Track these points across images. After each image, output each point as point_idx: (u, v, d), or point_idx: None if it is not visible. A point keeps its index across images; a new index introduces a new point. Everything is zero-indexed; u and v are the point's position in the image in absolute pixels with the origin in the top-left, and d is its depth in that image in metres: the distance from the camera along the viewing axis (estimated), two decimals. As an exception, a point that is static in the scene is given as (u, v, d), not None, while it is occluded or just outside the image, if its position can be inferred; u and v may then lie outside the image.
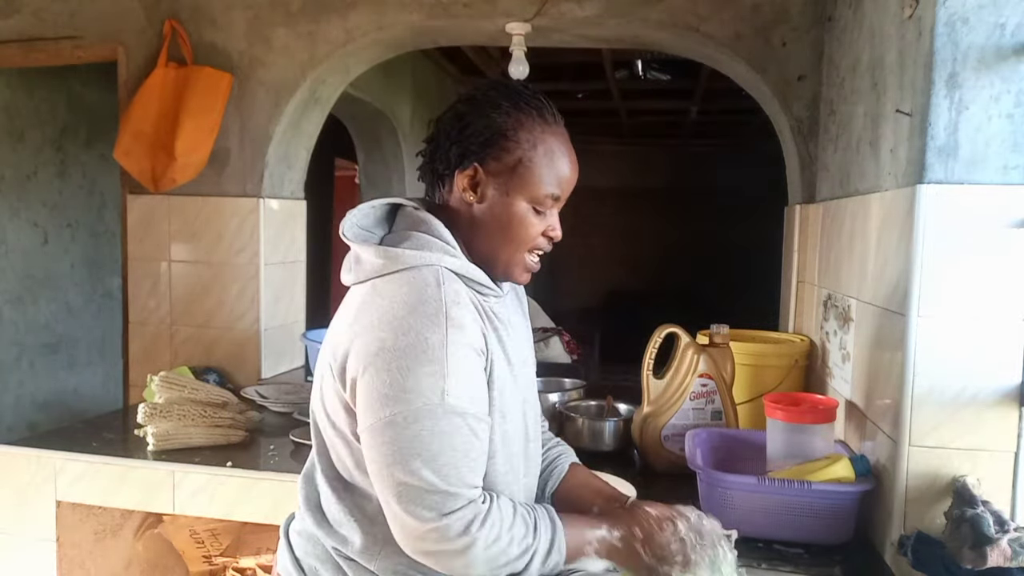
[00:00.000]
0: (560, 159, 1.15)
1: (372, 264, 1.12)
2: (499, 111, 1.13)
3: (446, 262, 1.11)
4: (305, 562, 1.20)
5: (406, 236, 1.15)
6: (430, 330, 1.02)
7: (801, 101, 2.35)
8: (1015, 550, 1.16)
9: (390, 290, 1.08)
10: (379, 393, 1.02)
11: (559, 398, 2.24)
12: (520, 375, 1.21)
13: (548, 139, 1.14)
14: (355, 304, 1.12)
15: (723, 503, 1.49)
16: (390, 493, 1.02)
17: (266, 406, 2.37)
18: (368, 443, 1.04)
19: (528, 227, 1.16)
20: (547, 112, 1.15)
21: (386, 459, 1.02)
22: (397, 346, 1.02)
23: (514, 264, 1.18)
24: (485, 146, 1.13)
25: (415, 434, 1.01)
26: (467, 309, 1.08)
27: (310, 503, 1.19)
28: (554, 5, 2.44)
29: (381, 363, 1.02)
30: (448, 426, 1.02)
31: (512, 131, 1.13)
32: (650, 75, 5.04)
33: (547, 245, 1.20)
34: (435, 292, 1.06)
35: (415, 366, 1.01)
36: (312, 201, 3.04)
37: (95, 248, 3.92)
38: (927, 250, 1.32)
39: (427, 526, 1.01)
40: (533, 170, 1.13)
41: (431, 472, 1.00)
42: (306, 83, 2.65)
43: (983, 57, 1.29)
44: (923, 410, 1.34)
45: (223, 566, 2.26)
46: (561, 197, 1.17)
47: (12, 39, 2.78)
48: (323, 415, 1.16)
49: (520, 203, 1.14)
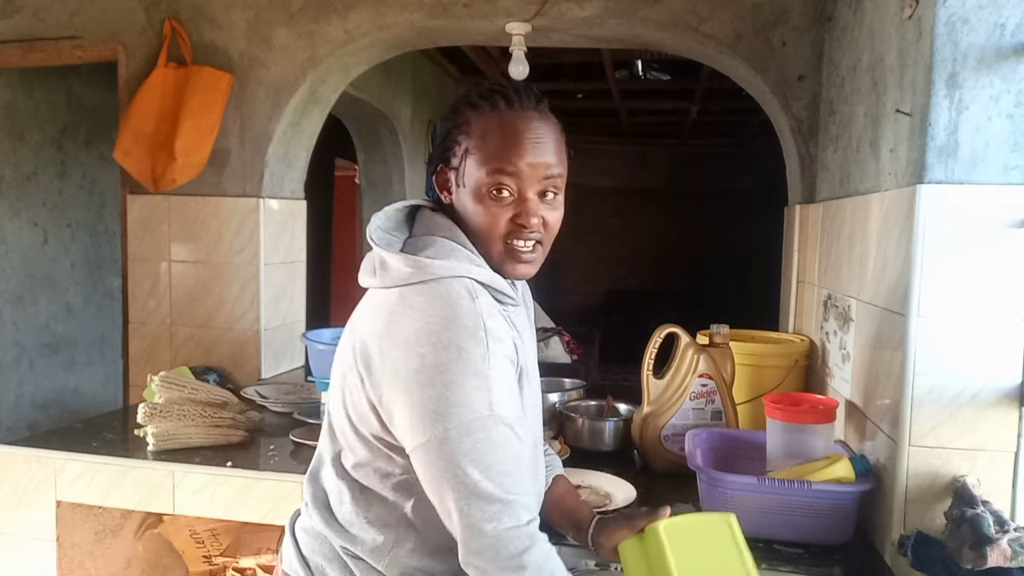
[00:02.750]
0: (506, 137, 1.11)
1: (400, 272, 1.11)
2: (455, 111, 1.17)
3: (474, 273, 1.11)
4: (312, 560, 1.20)
5: (429, 242, 1.14)
6: (471, 344, 1.03)
7: (801, 101, 2.35)
8: (1015, 550, 1.16)
9: (422, 303, 1.07)
10: (427, 410, 1.02)
11: (559, 398, 2.25)
12: (532, 381, 1.22)
13: (491, 123, 1.12)
14: (383, 311, 1.10)
15: (723, 503, 1.49)
16: (451, 507, 1.03)
17: (266, 406, 2.37)
18: (423, 461, 1.04)
19: (489, 218, 1.12)
20: (499, 99, 1.13)
21: (445, 474, 1.02)
22: (439, 362, 1.02)
23: (496, 255, 1.15)
24: (444, 148, 1.17)
25: (471, 447, 1.01)
26: (501, 320, 1.09)
27: (318, 501, 1.19)
28: (554, 5, 2.44)
29: (424, 379, 1.02)
30: (499, 436, 1.03)
31: (460, 127, 1.15)
32: (650, 75, 5.05)
33: (524, 233, 1.13)
34: (471, 306, 1.06)
35: (461, 380, 1.01)
36: (312, 201, 3.04)
37: (95, 248, 3.92)
38: (927, 250, 1.32)
39: (484, 541, 1.02)
40: (476, 156, 1.12)
41: (489, 482, 1.02)
42: (306, 83, 2.65)
43: (983, 57, 1.29)
44: (923, 410, 1.34)
45: (223, 566, 2.26)
46: (521, 176, 1.11)
47: (12, 39, 2.79)
48: (343, 417, 1.15)
49: (474, 192, 1.13)
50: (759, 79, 2.40)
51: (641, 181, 8.95)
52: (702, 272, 8.32)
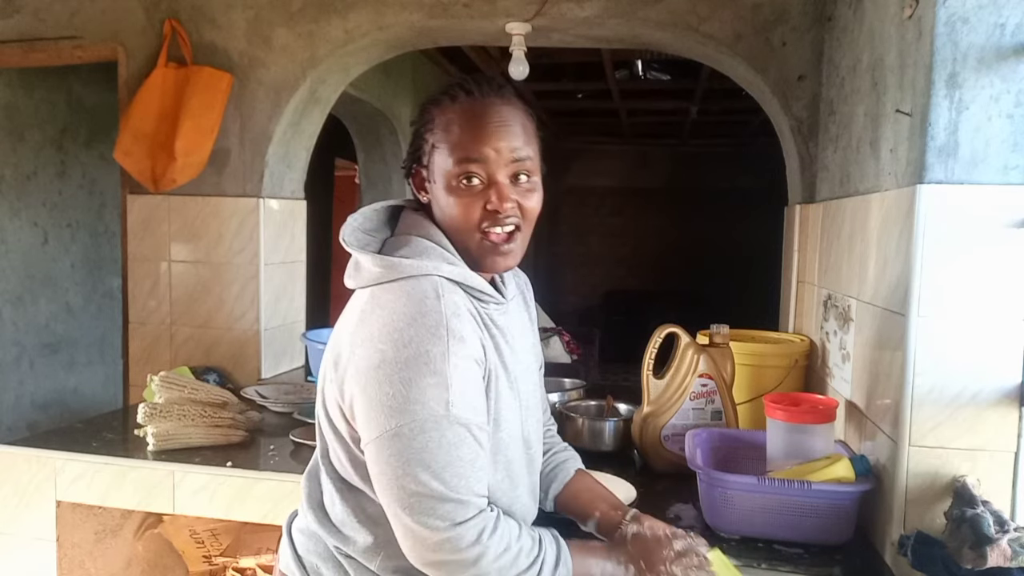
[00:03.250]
0: (464, 127, 1.11)
1: (371, 272, 1.12)
2: (420, 113, 1.18)
3: (444, 270, 1.10)
4: (307, 560, 1.20)
5: (406, 241, 1.15)
6: (431, 342, 1.02)
7: (801, 101, 2.35)
8: (1015, 550, 1.15)
9: (389, 300, 1.07)
10: (382, 405, 1.01)
11: (559, 398, 2.25)
12: (521, 383, 1.20)
13: (453, 114, 1.13)
14: (356, 311, 1.12)
15: (723, 503, 1.49)
16: (399, 505, 1.02)
17: (266, 406, 2.37)
18: (374, 456, 1.04)
19: (461, 208, 1.11)
20: (459, 90, 1.14)
21: (395, 471, 1.01)
22: (398, 358, 1.01)
23: (474, 251, 1.14)
24: (415, 150, 1.18)
25: (422, 445, 1.00)
26: (467, 320, 1.08)
27: (312, 501, 1.20)
28: (554, 5, 2.44)
29: (383, 375, 1.02)
30: (454, 437, 1.01)
31: (427, 123, 1.16)
32: (650, 75, 5.05)
33: (499, 219, 1.11)
34: (435, 304, 1.05)
35: (418, 377, 1.01)
36: (312, 201, 3.04)
37: (95, 248, 3.92)
38: (927, 250, 1.32)
39: (439, 536, 1.00)
40: (442, 148, 1.13)
41: (440, 483, 1.00)
42: (306, 83, 2.65)
43: (983, 57, 1.29)
44: (923, 410, 1.34)
45: (223, 566, 2.26)
46: (486, 162, 1.09)
47: (12, 39, 2.79)
48: (324, 417, 1.16)
49: (444, 187, 1.13)
50: (759, 79, 2.40)
51: (641, 181, 8.95)
52: (702, 272, 8.32)
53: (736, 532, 1.50)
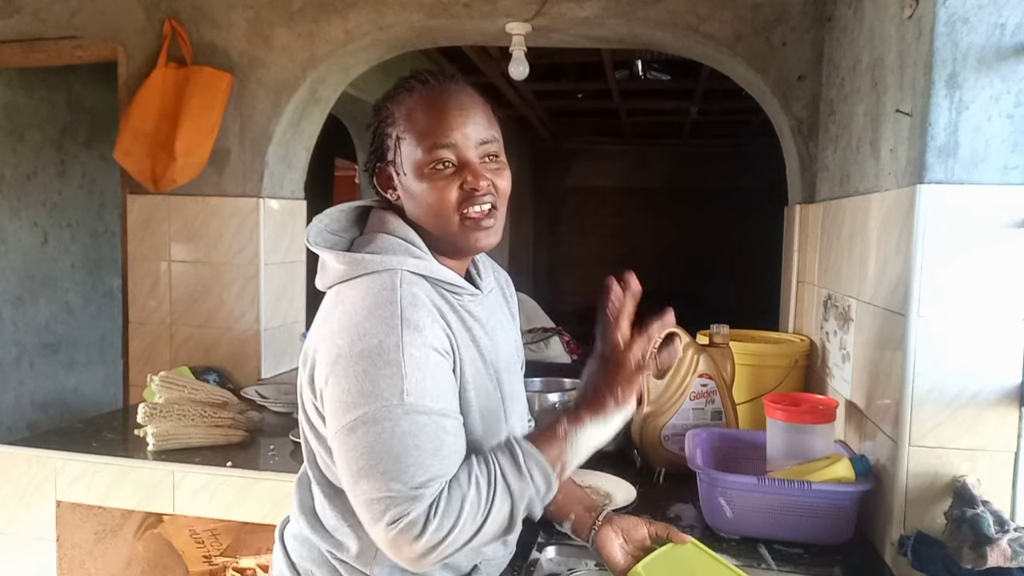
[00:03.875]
0: (429, 113, 1.11)
1: (335, 270, 1.12)
2: (379, 112, 1.17)
3: (409, 264, 1.10)
4: (301, 566, 1.19)
5: (372, 238, 1.15)
6: (384, 333, 1.01)
7: (801, 101, 2.35)
8: (1015, 550, 1.15)
9: (350, 296, 1.08)
10: (341, 400, 1.01)
11: (559, 398, 2.24)
12: (503, 374, 1.19)
13: (413, 103, 1.13)
14: (322, 310, 1.13)
15: (723, 503, 1.49)
16: (359, 499, 1.01)
17: (266, 406, 2.37)
18: (337, 451, 1.03)
19: (437, 193, 1.10)
20: (414, 82, 1.14)
21: (351, 466, 1.00)
22: (353, 351, 1.01)
23: (456, 234, 1.13)
24: (378, 148, 1.17)
25: (376, 436, 0.99)
26: (425, 311, 1.06)
27: (304, 507, 1.19)
28: (554, 5, 2.44)
29: (340, 370, 1.02)
30: (411, 426, 0.99)
31: (387, 118, 1.15)
32: (650, 75, 5.05)
33: (476, 197, 1.11)
34: (391, 295, 1.05)
35: (372, 369, 1.00)
36: (312, 201, 3.04)
37: (95, 248, 3.92)
38: (927, 250, 1.32)
39: (392, 533, 0.97)
40: (408, 139, 1.12)
41: (394, 476, 0.98)
42: (306, 83, 2.65)
43: (983, 57, 1.29)
44: (923, 410, 1.34)
45: (223, 566, 2.26)
46: (457, 145, 1.10)
47: (12, 39, 2.79)
48: (305, 422, 1.16)
49: (416, 176, 1.12)
50: (759, 79, 2.40)
51: (641, 181, 8.95)
52: (702, 272, 8.32)
53: (736, 532, 1.50)
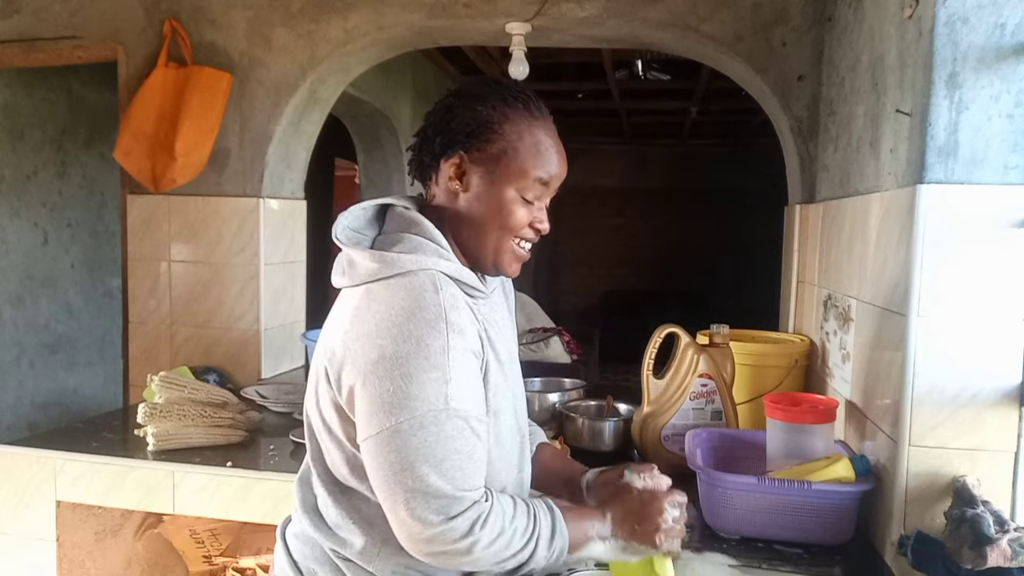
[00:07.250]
0: (547, 150, 1.15)
1: (367, 268, 1.12)
2: (485, 103, 1.14)
3: (441, 266, 1.11)
4: (303, 565, 1.19)
5: (398, 238, 1.14)
6: (431, 336, 1.02)
7: (801, 101, 2.35)
8: (1015, 550, 1.15)
9: (386, 296, 1.07)
10: (382, 401, 1.02)
11: (559, 398, 2.24)
12: (509, 373, 1.22)
13: (535, 131, 1.15)
14: (350, 308, 1.11)
15: (723, 503, 1.49)
16: (397, 499, 1.03)
17: (266, 406, 2.37)
18: (373, 451, 1.04)
19: (515, 214, 1.15)
20: (533, 106, 1.16)
21: (393, 467, 1.02)
22: (398, 353, 1.02)
23: (503, 252, 1.17)
24: (470, 136, 1.14)
25: (422, 440, 1.01)
26: (465, 313, 1.09)
27: (307, 506, 1.19)
28: (554, 5, 2.44)
29: (383, 371, 1.02)
30: (452, 430, 1.02)
31: (497, 123, 1.14)
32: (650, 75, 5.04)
33: (534, 236, 1.19)
34: (433, 297, 1.06)
35: (417, 372, 1.01)
36: (312, 201, 3.04)
37: (95, 248, 3.92)
38: (927, 250, 1.32)
39: (433, 530, 1.01)
40: (519, 159, 1.13)
41: (439, 477, 1.01)
42: (306, 83, 2.65)
43: (983, 57, 1.29)
44: (923, 410, 1.34)
45: (223, 566, 2.26)
46: (549, 186, 1.17)
47: (12, 39, 2.79)
48: (318, 419, 1.15)
49: (507, 190, 1.14)
50: (759, 79, 2.40)
51: (641, 181, 8.95)
52: (702, 272, 8.32)
53: (736, 532, 1.50)
